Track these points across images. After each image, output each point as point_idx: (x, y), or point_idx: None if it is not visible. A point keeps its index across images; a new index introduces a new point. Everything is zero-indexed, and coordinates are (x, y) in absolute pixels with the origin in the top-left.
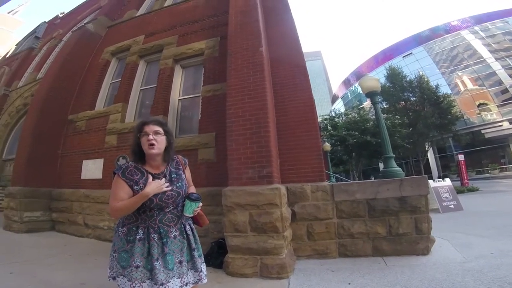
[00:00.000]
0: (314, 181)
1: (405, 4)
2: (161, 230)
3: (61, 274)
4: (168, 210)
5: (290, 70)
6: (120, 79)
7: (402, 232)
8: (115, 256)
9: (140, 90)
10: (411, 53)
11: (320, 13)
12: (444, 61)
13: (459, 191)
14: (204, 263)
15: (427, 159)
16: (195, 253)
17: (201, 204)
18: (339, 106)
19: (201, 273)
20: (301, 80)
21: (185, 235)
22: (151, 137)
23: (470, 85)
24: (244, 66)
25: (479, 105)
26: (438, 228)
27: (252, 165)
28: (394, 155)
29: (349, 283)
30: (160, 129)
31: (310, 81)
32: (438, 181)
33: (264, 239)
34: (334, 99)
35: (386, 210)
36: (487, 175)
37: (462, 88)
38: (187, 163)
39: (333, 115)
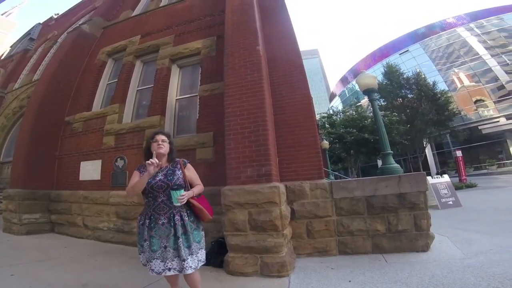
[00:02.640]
0: (313, 179)
1: (401, 1)
2: (152, 217)
3: (63, 276)
4: (160, 200)
5: (288, 69)
6: (116, 80)
7: (402, 229)
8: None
9: (137, 90)
10: (407, 50)
11: (317, 12)
12: (441, 58)
13: (458, 188)
14: (194, 255)
15: (425, 155)
16: (180, 242)
17: (184, 192)
18: (337, 104)
19: (184, 263)
20: (299, 78)
21: (172, 224)
22: (160, 142)
23: (466, 82)
24: (241, 65)
25: (476, 102)
26: (438, 225)
27: (251, 163)
28: (392, 152)
29: (350, 281)
30: (166, 138)
31: (307, 79)
32: (437, 177)
33: (264, 238)
34: (331, 97)
35: (385, 207)
36: (485, 171)
37: (458, 85)
38: (186, 163)
39: (331, 113)
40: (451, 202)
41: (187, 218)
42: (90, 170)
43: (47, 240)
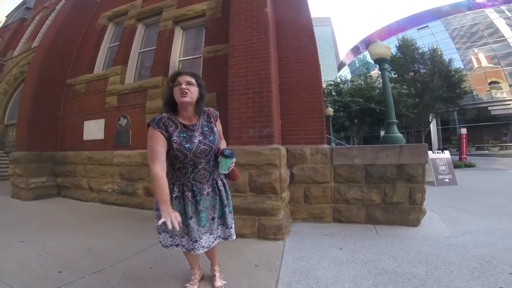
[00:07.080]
0: (314, 143)
1: None
2: (194, 188)
3: (69, 240)
4: (201, 167)
5: (296, 32)
6: (118, 43)
7: (396, 201)
8: (157, 214)
9: (139, 52)
10: (427, 26)
11: None
12: (462, 37)
13: (456, 166)
14: (233, 219)
15: (429, 130)
16: (226, 209)
17: (234, 159)
18: (345, 73)
19: (231, 230)
20: (307, 42)
21: (217, 191)
22: (184, 86)
23: (484, 63)
24: (247, 26)
25: (490, 83)
26: (431, 201)
27: (253, 124)
28: (397, 121)
29: (341, 249)
30: (193, 80)
31: (316, 44)
32: (437, 153)
33: (263, 200)
34: (340, 66)
35: (383, 177)
36: (486, 152)
37: (476, 65)
38: (218, 115)
39: (339, 81)
40: (447, 180)
41: (225, 181)
42: (94, 129)
43: (54, 205)
